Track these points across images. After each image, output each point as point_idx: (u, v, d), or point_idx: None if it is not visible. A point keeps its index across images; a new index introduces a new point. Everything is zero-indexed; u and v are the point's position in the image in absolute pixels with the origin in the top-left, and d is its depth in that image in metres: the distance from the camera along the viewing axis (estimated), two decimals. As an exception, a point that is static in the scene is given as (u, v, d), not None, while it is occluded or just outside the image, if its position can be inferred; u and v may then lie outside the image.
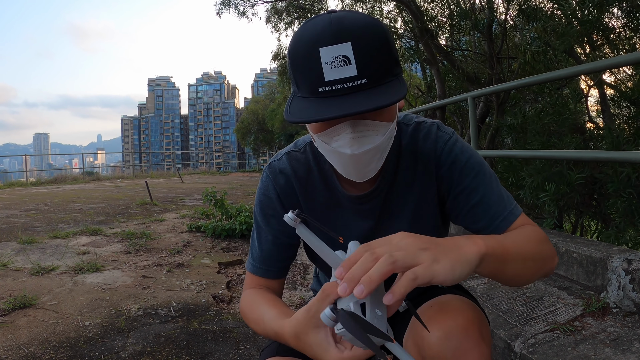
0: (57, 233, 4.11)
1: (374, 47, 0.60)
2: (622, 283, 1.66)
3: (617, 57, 2.89)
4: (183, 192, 8.93)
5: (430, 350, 0.71)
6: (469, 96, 3.27)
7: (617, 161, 2.64)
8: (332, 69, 0.59)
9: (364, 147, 0.64)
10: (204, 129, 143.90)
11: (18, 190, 9.97)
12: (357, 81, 0.59)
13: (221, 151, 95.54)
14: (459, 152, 0.78)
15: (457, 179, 0.78)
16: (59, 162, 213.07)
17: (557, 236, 2.18)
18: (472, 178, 0.77)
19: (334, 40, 0.58)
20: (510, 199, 0.79)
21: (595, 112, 5.13)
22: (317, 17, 0.64)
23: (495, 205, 0.77)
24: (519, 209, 0.78)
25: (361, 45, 0.59)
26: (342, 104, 0.59)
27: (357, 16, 0.62)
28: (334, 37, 0.59)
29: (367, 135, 0.64)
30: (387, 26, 0.66)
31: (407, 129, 0.82)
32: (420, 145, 0.80)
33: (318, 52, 0.59)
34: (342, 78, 0.59)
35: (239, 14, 9.16)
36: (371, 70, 0.60)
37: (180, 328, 2.00)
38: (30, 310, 2.19)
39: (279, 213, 0.84)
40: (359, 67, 0.59)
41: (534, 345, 1.40)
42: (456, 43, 6.77)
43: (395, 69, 0.64)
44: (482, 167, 0.79)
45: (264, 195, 0.86)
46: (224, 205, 4.43)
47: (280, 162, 0.86)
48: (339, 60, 0.59)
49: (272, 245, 0.85)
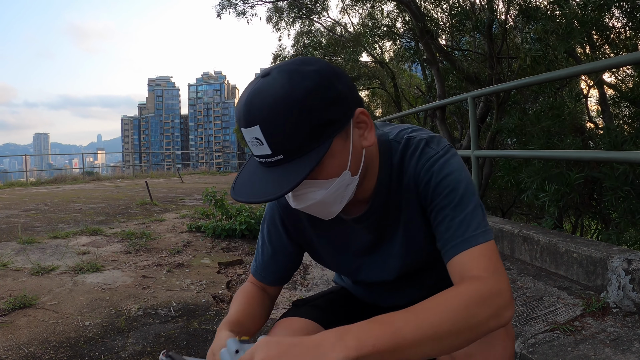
0: (57, 233, 4.11)
1: (282, 127, 0.61)
2: (622, 283, 1.66)
3: (617, 57, 2.89)
4: (183, 192, 8.93)
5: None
6: (469, 96, 3.27)
7: (617, 161, 2.64)
8: (253, 146, 0.64)
9: (306, 203, 0.69)
10: (204, 129, 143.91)
11: (18, 190, 9.98)
12: (273, 158, 0.64)
13: (221, 151, 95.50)
14: (437, 170, 0.76)
15: (430, 197, 0.76)
16: (59, 162, 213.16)
17: (557, 236, 2.18)
18: (442, 197, 0.75)
19: (246, 124, 0.63)
20: (477, 226, 0.72)
21: (596, 112, 5.12)
22: (247, 87, 0.66)
23: (454, 228, 0.72)
24: (480, 239, 0.71)
25: (269, 127, 0.61)
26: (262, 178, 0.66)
27: (271, 89, 0.62)
28: (246, 121, 0.63)
29: (306, 193, 0.68)
30: (310, 88, 0.62)
31: (398, 147, 0.80)
32: (406, 163, 0.79)
33: (242, 131, 0.65)
34: (262, 154, 0.64)
35: (238, 15, 9.16)
36: (284, 147, 0.62)
37: (180, 328, 2.00)
38: (30, 310, 2.19)
39: (280, 233, 0.90)
40: (272, 147, 0.62)
41: (534, 345, 1.40)
42: (456, 43, 6.77)
43: (322, 134, 0.64)
44: (457, 186, 0.74)
45: (270, 214, 0.92)
46: (224, 205, 4.43)
47: None
48: (254, 141, 0.63)
49: (270, 259, 0.92)
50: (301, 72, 0.63)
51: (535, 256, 2.24)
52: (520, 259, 2.36)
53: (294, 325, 0.89)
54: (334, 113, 0.64)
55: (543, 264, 2.17)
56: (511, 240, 2.46)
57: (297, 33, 11.25)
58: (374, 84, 12.26)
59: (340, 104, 0.65)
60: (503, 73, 5.30)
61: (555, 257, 2.08)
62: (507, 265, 2.30)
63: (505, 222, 2.71)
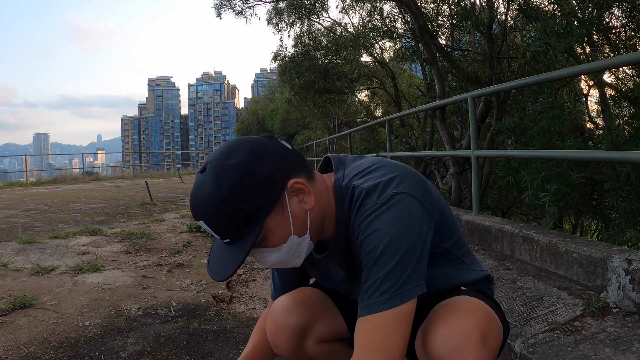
0: (57, 233, 4.11)
1: (219, 220, 0.73)
2: (622, 283, 1.66)
3: (617, 57, 2.89)
4: (183, 192, 8.93)
5: (431, 347, 0.73)
6: (469, 96, 3.27)
7: (617, 161, 2.64)
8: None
9: (267, 264, 0.80)
10: (204, 129, 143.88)
11: (18, 190, 9.98)
12: (223, 240, 0.77)
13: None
14: (364, 227, 0.75)
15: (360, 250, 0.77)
16: (59, 162, 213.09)
17: (557, 236, 2.18)
18: (364, 255, 0.75)
19: (195, 218, 0.76)
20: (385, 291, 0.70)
21: (596, 112, 5.12)
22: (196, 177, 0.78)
23: (364, 290, 0.74)
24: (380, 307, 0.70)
25: (210, 221, 0.74)
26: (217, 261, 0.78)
27: (204, 192, 0.73)
28: (195, 216, 0.76)
29: (264, 257, 0.80)
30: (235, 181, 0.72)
31: (347, 193, 0.82)
32: (352, 213, 0.81)
33: None
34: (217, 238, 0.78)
35: (237, 14, 9.16)
36: (226, 234, 0.75)
37: (180, 328, 2.00)
38: (30, 310, 2.19)
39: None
40: (217, 234, 0.76)
41: (533, 345, 1.40)
42: (456, 43, 6.77)
43: (255, 218, 0.74)
44: (376, 246, 0.72)
45: None
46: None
47: None
48: (208, 229, 0.75)
49: (283, 285, 1.06)
50: (225, 168, 0.72)
51: (535, 256, 2.24)
52: (520, 259, 2.36)
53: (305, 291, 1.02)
54: (263, 196, 0.73)
55: (543, 264, 2.17)
56: (511, 240, 2.46)
57: (297, 34, 11.25)
58: (373, 84, 12.26)
59: (267, 185, 0.73)
60: (503, 73, 5.29)
61: (555, 257, 2.08)
62: (507, 265, 2.31)
63: (505, 222, 2.71)
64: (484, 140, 5.24)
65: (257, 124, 28.73)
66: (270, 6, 10.38)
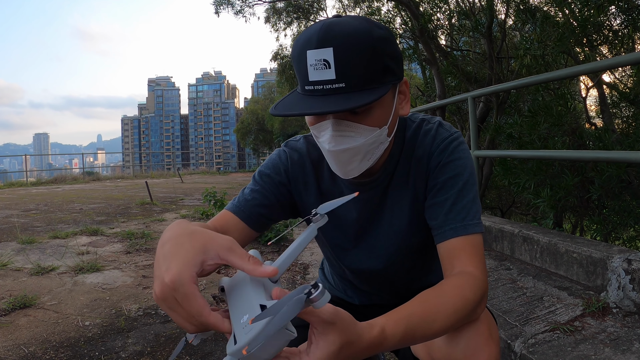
0: (57, 233, 4.11)
1: (356, 54, 0.63)
2: (622, 283, 1.66)
3: (617, 57, 2.89)
4: (183, 192, 8.93)
5: (439, 352, 0.72)
6: (469, 96, 3.27)
7: (617, 161, 2.64)
8: (315, 71, 0.64)
9: (342, 146, 0.69)
10: (204, 129, 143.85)
11: (18, 190, 9.97)
12: (335, 84, 0.64)
13: (221, 151, 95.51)
14: (450, 151, 0.79)
15: (435, 173, 0.79)
16: (59, 162, 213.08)
17: (557, 236, 2.18)
18: (447, 177, 0.77)
19: (319, 45, 0.63)
20: (475, 215, 0.75)
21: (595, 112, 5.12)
22: (318, 21, 0.69)
23: (454, 212, 0.75)
24: (476, 228, 0.73)
25: (342, 51, 0.63)
26: (314, 104, 0.64)
27: (351, 22, 0.65)
28: (319, 42, 0.63)
29: (346, 135, 0.69)
30: (384, 35, 0.66)
31: (412, 125, 0.84)
32: (419, 140, 0.82)
33: (306, 54, 0.64)
34: (323, 80, 0.64)
35: (235, 13, 9.15)
36: (350, 75, 0.63)
37: (180, 328, 2.00)
38: (30, 310, 2.19)
39: (277, 179, 0.87)
40: (338, 71, 0.63)
41: (534, 345, 1.40)
42: (456, 43, 6.77)
43: (383, 77, 0.66)
44: (463, 171, 0.77)
45: (274, 160, 0.89)
46: (223, 205, 4.43)
47: (298, 142, 0.91)
48: (320, 64, 0.63)
49: (256, 194, 0.86)
50: (376, 22, 0.68)
51: (535, 256, 2.24)
52: (520, 259, 2.36)
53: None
54: (395, 66, 0.69)
55: (543, 264, 2.17)
56: (511, 240, 2.46)
57: (294, 34, 11.26)
58: (373, 84, 12.24)
59: (398, 62, 0.70)
60: (503, 73, 5.30)
61: (555, 257, 2.08)
62: (507, 265, 2.31)
63: (505, 222, 2.71)
64: (484, 141, 5.25)
65: (257, 124, 28.72)
66: (268, 5, 10.39)
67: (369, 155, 0.72)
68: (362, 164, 0.73)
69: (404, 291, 0.95)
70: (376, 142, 0.72)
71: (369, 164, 0.74)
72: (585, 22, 3.46)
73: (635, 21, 3.53)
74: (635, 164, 2.73)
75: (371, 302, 1.00)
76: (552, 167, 3.09)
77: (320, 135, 0.71)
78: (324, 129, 0.70)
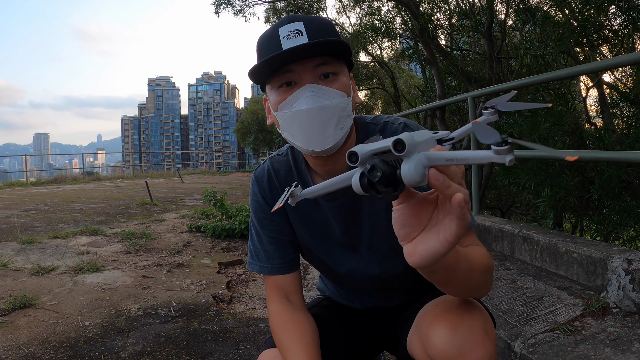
0: (57, 233, 4.11)
1: (322, 27, 0.75)
2: (622, 283, 1.66)
3: (617, 57, 2.89)
4: (183, 192, 8.93)
5: (435, 349, 0.72)
6: (469, 96, 3.27)
7: (617, 161, 2.64)
8: (288, 40, 0.73)
9: (318, 103, 0.73)
10: (204, 129, 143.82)
11: (18, 190, 9.97)
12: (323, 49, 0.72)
13: (221, 151, 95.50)
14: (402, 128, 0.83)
15: None
16: (59, 162, 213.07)
17: (557, 236, 2.18)
18: None
19: (289, 21, 0.74)
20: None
21: (595, 112, 5.12)
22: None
23: None
24: (473, 221, 0.78)
25: (311, 24, 0.74)
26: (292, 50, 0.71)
27: (319, 19, 0.78)
28: (290, 19, 0.75)
29: (321, 95, 0.74)
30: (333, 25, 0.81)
31: (375, 128, 0.86)
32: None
33: (277, 32, 0.74)
34: (296, 45, 0.71)
35: (235, 13, 9.15)
36: (334, 43, 0.72)
37: (180, 328, 2.00)
38: (30, 310, 2.19)
39: (268, 215, 0.91)
40: (310, 36, 0.73)
41: (534, 345, 1.40)
42: (456, 43, 6.77)
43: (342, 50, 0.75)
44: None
45: (254, 201, 0.94)
46: (223, 205, 4.43)
47: (263, 168, 0.94)
48: (293, 33, 0.73)
49: (270, 244, 0.91)
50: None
51: (535, 256, 2.24)
52: (520, 259, 2.36)
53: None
54: (348, 52, 0.77)
55: (543, 264, 2.17)
56: (511, 240, 2.46)
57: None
58: (373, 84, 12.26)
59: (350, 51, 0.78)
60: (503, 73, 5.30)
61: (555, 257, 2.08)
62: (507, 265, 2.31)
63: (505, 222, 2.71)
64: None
65: (257, 124, 28.70)
66: (268, 5, 10.39)
67: (341, 124, 0.75)
68: (336, 131, 0.75)
69: (404, 291, 0.95)
70: (346, 110, 0.75)
71: (341, 134, 0.75)
72: (585, 22, 3.46)
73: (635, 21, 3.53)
74: (635, 164, 2.73)
75: (373, 305, 1.00)
76: (552, 167, 3.09)
77: (294, 106, 0.74)
78: (300, 95, 0.74)
